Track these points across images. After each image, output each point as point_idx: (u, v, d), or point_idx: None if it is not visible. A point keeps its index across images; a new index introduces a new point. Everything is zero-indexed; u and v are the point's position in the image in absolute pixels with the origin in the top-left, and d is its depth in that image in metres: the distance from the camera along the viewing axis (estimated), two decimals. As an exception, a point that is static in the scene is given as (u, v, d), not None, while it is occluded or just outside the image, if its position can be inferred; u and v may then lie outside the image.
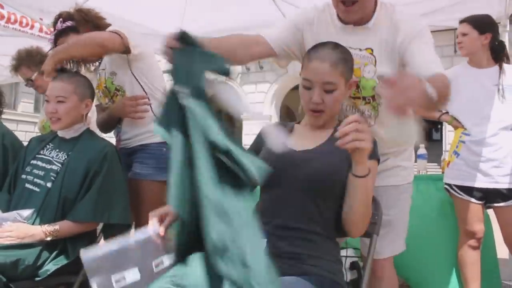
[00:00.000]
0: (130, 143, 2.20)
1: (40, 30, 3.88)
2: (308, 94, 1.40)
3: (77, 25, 2.14)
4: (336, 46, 1.44)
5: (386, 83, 1.04)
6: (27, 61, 2.78)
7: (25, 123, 17.75)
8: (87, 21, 2.15)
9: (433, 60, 1.46)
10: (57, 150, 1.91)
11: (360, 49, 1.57)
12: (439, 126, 17.43)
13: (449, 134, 12.86)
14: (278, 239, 1.30)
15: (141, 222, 2.07)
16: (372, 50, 1.57)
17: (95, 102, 2.19)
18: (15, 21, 3.70)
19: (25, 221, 1.76)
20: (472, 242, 2.45)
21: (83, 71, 2.27)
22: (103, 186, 1.83)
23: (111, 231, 2.03)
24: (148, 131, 2.14)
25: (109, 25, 2.20)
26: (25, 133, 15.17)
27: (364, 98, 1.61)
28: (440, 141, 15.60)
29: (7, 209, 1.87)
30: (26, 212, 1.77)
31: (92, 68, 2.32)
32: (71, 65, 2.21)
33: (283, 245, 1.29)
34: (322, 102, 1.39)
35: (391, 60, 1.55)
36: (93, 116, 2.45)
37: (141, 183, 2.13)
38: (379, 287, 1.70)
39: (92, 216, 1.83)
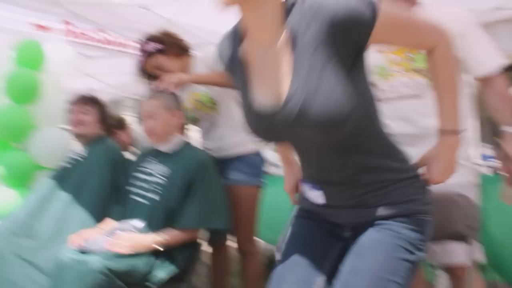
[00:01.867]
0: (225, 152, 2.29)
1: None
2: None
3: (166, 47, 2.25)
4: None
5: None
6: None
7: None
8: (174, 44, 2.26)
9: None
10: (159, 163, 2.02)
11: None
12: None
13: None
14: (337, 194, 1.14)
15: (238, 225, 2.17)
16: None
17: None
18: (115, 42, 3.99)
19: (137, 231, 1.88)
20: None
21: None
22: (204, 194, 1.91)
23: (213, 237, 2.13)
24: (241, 142, 2.24)
25: (189, 46, 2.31)
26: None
27: (418, 71, 1.68)
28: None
29: (120, 219, 2.00)
30: (138, 223, 1.89)
31: None
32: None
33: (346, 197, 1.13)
34: None
35: None
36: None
37: (238, 188, 2.22)
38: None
39: (196, 223, 1.92)
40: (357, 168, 1.10)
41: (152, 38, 2.28)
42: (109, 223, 2.00)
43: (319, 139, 1.05)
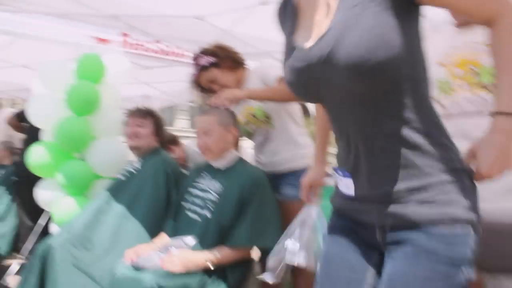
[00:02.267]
0: (279, 167, 2.25)
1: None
2: None
3: (219, 61, 2.25)
4: None
5: None
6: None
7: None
8: (228, 57, 2.26)
9: None
10: (213, 179, 2.01)
11: (476, 42, 1.59)
12: None
13: None
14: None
15: None
16: None
17: None
18: (170, 52, 4.07)
19: (189, 248, 1.88)
20: None
21: None
22: (257, 212, 1.88)
23: (265, 255, 2.08)
24: (295, 157, 2.20)
25: (243, 59, 2.30)
26: (182, 147, 16.92)
27: (484, 87, 1.57)
28: None
29: (173, 235, 2.02)
30: (190, 240, 1.89)
31: None
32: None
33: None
34: None
35: None
36: None
37: (292, 204, 2.17)
38: None
39: (248, 241, 1.89)
40: (391, 140, 0.96)
41: (205, 52, 2.30)
42: (163, 238, 2.01)
43: (352, 90, 0.95)
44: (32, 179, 3.10)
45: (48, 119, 2.97)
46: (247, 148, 2.69)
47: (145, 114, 2.55)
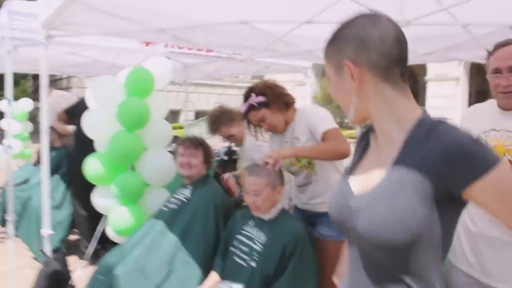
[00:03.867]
0: (317, 208, 2.36)
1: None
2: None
3: (269, 101, 2.30)
4: None
5: None
6: (225, 120, 3.10)
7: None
8: (277, 99, 2.29)
9: None
10: (257, 229, 2.14)
11: None
12: None
13: None
14: None
15: (325, 276, 2.20)
16: None
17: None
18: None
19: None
20: None
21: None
22: (297, 266, 2.02)
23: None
24: None
25: (293, 101, 2.33)
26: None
27: None
28: None
29: (221, 274, 2.20)
30: (237, 286, 2.05)
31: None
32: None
33: None
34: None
35: None
36: None
37: (328, 243, 2.29)
38: None
39: None
40: None
41: (256, 91, 2.34)
42: (214, 279, 2.19)
43: (366, 246, 1.02)
44: (84, 174, 3.27)
45: (101, 133, 3.14)
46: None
47: (196, 145, 2.67)
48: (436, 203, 0.92)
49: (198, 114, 22.63)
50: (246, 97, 2.37)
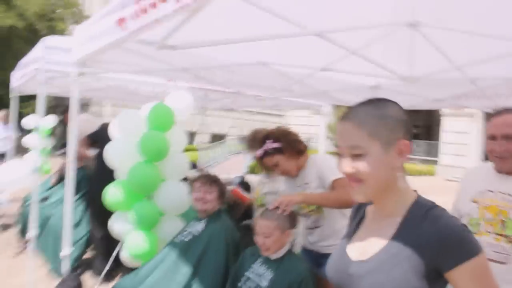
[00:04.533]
0: (324, 250, 2.50)
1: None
2: None
3: (283, 148, 2.46)
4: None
5: None
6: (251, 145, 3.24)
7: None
8: (291, 146, 2.46)
9: None
10: (265, 266, 2.28)
11: (510, 194, 1.85)
12: None
13: None
14: None
15: None
16: None
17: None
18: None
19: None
20: None
21: None
22: None
23: None
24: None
25: (306, 148, 2.50)
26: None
27: (506, 237, 1.80)
28: None
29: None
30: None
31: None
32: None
33: None
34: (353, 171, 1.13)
35: None
36: None
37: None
38: None
39: None
40: None
41: (272, 137, 2.50)
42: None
43: None
44: (102, 194, 3.46)
45: (123, 162, 3.33)
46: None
47: (212, 182, 2.85)
48: (426, 278, 1.07)
49: (213, 137, 22.94)
50: (262, 142, 2.53)
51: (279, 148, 2.46)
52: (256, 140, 2.64)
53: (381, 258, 1.11)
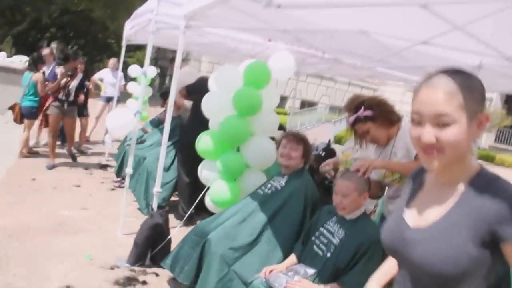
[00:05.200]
0: None
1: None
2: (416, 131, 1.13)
3: (375, 116, 2.48)
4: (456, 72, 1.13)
5: None
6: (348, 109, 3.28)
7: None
8: (384, 115, 2.47)
9: None
10: (339, 225, 2.37)
11: None
12: None
13: None
14: None
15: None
16: None
17: None
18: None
19: (308, 278, 2.30)
20: None
21: None
22: (367, 265, 2.20)
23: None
24: None
25: (399, 119, 2.48)
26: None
27: None
28: None
29: (299, 257, 2.48)
30: (311, 271, 2.31)
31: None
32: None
33: None
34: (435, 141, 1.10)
35: None
36: None
37: None
38: None
39: (356, 286, 2.23)
40: None
41: (365, 105, 2.52)
42: (291, 261, 2.48)
43: (415, 274, 1.17)
44: (192, 146, 3.73)
45: (217, 114, 3.54)
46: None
47: (299, 140, 2.95)
48: (485, 248, 1.08)
49: (304, 104, 22.93)
50: (356, 108, 2.56)
51: (371, 116, 2.48)
52: (352, 104, 2.67)
53: (441, 226, 1.13)
